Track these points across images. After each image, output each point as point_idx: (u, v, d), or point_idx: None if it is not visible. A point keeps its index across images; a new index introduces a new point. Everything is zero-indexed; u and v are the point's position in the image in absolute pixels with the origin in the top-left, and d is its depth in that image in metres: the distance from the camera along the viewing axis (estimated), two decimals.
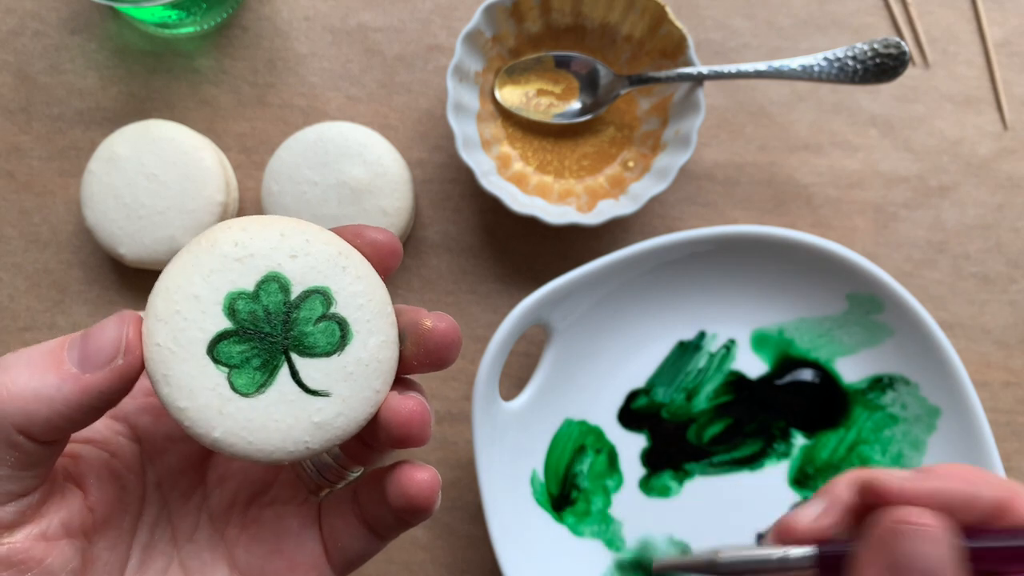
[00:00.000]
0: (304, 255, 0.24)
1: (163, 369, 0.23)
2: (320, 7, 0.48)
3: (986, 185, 0.48)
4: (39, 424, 0.22)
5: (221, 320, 0.23)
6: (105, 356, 0.23)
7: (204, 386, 0.23)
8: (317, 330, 0.24)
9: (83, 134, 0.48)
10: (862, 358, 0.46)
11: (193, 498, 0.28)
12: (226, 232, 0.24)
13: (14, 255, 0.47)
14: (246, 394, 0.23)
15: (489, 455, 0.42)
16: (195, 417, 0.23)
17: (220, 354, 0.23)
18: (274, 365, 0.23)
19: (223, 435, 0.23)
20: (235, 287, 0.23)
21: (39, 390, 0.22)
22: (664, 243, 0.43)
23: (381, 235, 0.25)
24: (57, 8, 0.48)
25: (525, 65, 0.47)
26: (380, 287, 0.25)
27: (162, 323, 0.23)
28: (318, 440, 0.24)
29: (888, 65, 0.43)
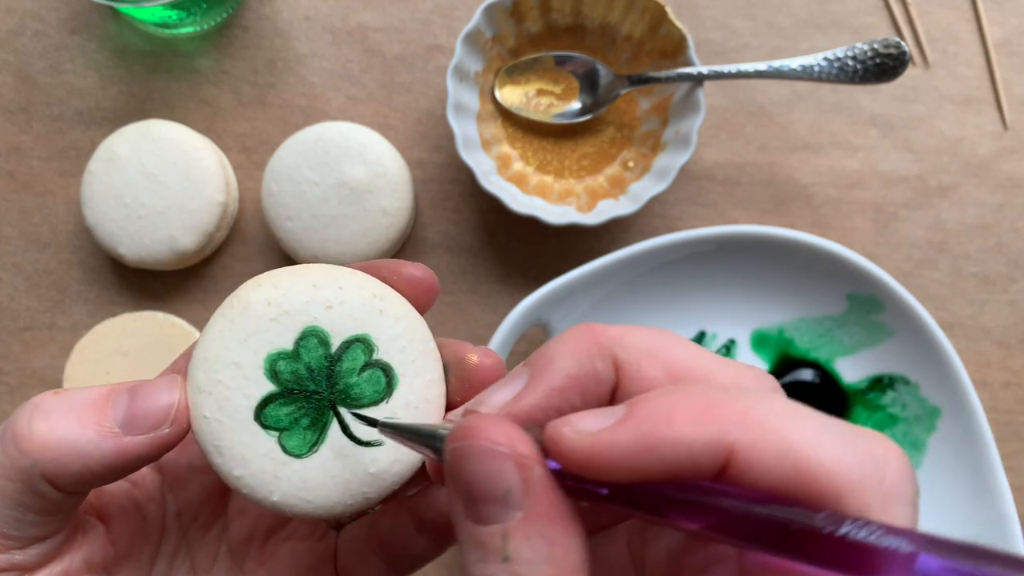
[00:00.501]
0: (339, 304, 0.23)
1: (214, 440, 0.23)
2: (320, 7, 0.48)
3: (986, 185, 0.48)
4: (68, 477, 0.22)
5: (264, 384, 0.23)
6: (152, 422, 0.22)
7: (256, 452, 0.23)
8: (362, 380, 0.23)
9: (83, 134, 0.48)
10: (862, 358, 0.46)
11: (213, 529, 0.28)
12: (257, 291, 0.23)
13: (14, 255, 0.47)
14: (299, 455, 0.23)
15: None
16: (252, 484, 0.23)
17: (268, 419, 0.23)
18: (323, 422, 0.23)
19: (282, 498, 0.23)
20: (274, 348, 0.23)
21: (76, 443, 0.21)
22: (664, 243, 0.43)
23: (418, 271, 0.25)
24: (57, 8, 0.48)
25: (525, 65, 0.47)
26: (420, 324, 0.24)
27: (206, 394, 0.23)
28: (376, 490, 0.23)
29: (888, 65, 0.43)
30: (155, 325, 0.45)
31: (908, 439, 0.45)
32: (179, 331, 0.45)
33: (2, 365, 0.47)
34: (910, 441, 0.45)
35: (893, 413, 0.46)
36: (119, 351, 0.45)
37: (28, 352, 0.47)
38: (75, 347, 0.45)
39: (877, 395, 0.46)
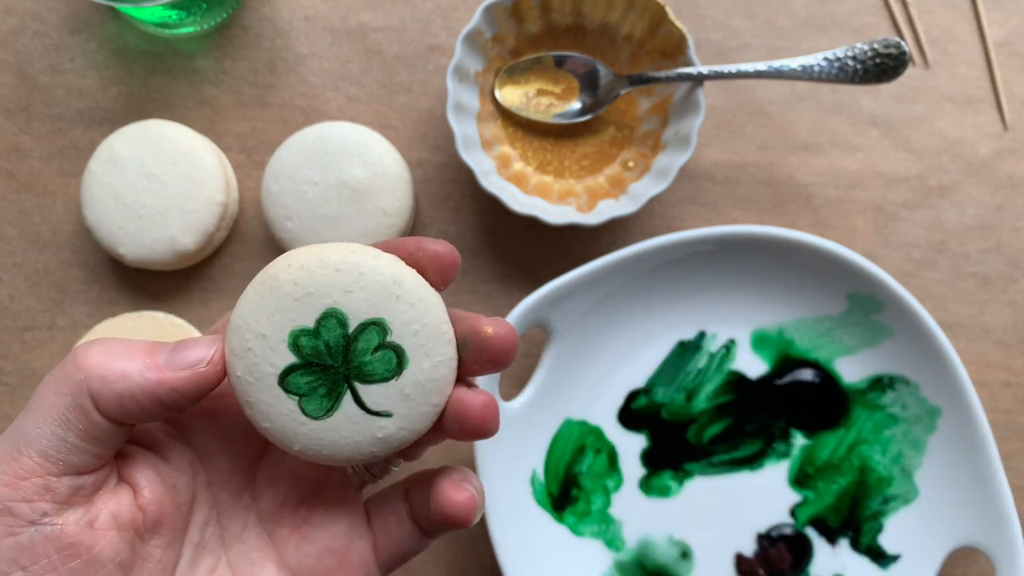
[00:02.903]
0: (359, 289, 0.26)
1: (245, 396, 0.26)
2: (320, 7, 0.48)
3: (986, 185, 0.48)
4: (110, 396, 0.24)
5: (287, 355, 0.25)
6: (191, 360, 0.25)
7: (280, 412, 0.26)
8: (375, 359, 0.26)
9: (83, 134, 0.48)
10: (862, 358, 0.46)
11: (242, 499, 0.29)
12: (286, 272, 0.26)
13: (14, 255, 0.47)
14: (316, 418, 0.26)
15: (489, 455, 0.42)
16: (276, 435, 0.26)
17: (290, 385, 0.26)
18: (338, 392, 0.26)
19: (302, 448, 0.26)
20: (297, 325, 0.25)
21: (124, 368, 0.24)
22: (664, 243, 0.43)
23: (441, 247, 0.27)
24: (57, 8, 0.48)
25: (525, 65, 0.47)
26: (436, 308, 0.26)
27: (238, 357, 0.26)
28: (383, 450, 0.26)
29: (888, 65, 0.43)
30: (155, 325, 0.45)
31: (908, 439, 0.45)
32: (179, 331, 0.45)
33: (2, 365, 0.47)
34: (910, 441, 0.45)
35: (893, 413, 0.46)
36: None
37: (28, 352, 0.47)
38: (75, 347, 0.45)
39: (877, 395, 0.46)
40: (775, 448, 0.46)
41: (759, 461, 0.46)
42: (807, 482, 0.46)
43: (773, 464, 0.46)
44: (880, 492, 0.46)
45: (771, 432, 0.46)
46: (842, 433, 0.46)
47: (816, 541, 0.46)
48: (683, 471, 0.46)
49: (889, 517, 0.45)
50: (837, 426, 0.46)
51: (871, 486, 0.46)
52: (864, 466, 0.46)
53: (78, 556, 0.24)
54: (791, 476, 0.46)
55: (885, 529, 0.45)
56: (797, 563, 0.46)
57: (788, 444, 0.46)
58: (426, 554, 0.47)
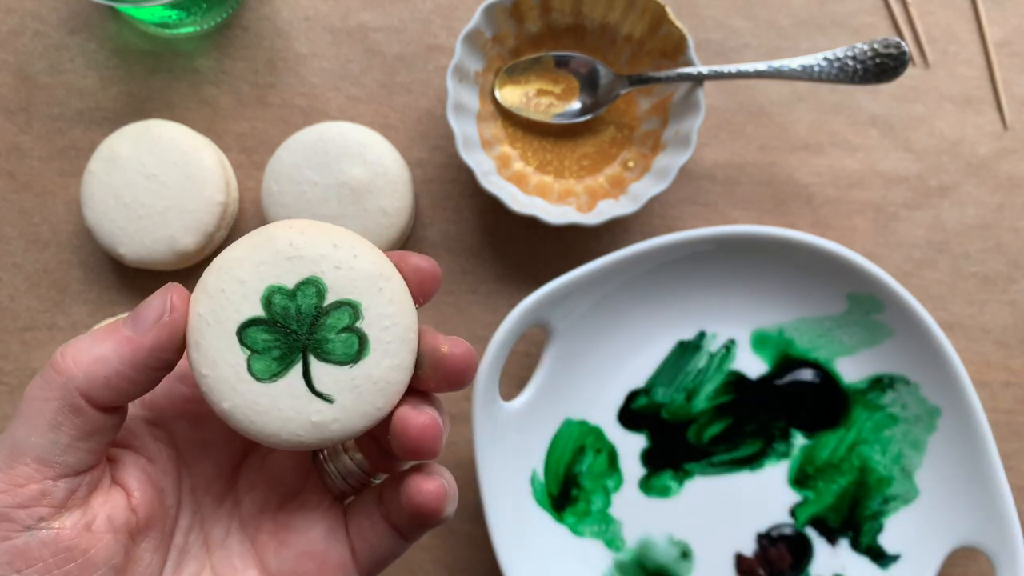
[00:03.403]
0: (348, 268, 0.25)
1: (196, 336, 0.25)
2: (320, 7, 0.48)
3: (986, 185, 0.48)
4: (99, 385, 0.24)
5: (257, 307, 0.25)
6: (153, 317, 0.25)
7: (226, 361, 0.25)
8: (338, 339, 0.25)
9: (83, 134, 0.48)
10: (862, 358, 0.46)
11: (224, 504, 0.29)
12: (286, 231, 0.26)
13: (14, 255, 0.47)
14: (259, 379, 0.25)
15: (489, 455, 0.42)
16: (212, 386, 0.25)
17: (247, 338, 0.25)
18: (291, 360, 0.25)
19: (231, 408, 0.25)
20: (277, 281, 0.25)
21: (99, 354, 0.25)
22: (664, 243, 0.43)
23: (424, 262, 0.27)
24: (57, 8, 0.48)
25: (525, 65, 0.47)
26: (410, 314, 0.26)
27: (208, 296, 0.25)
28: (312, 437, 0.26)
29: (888, 65, 0.43)
30: None
31: (908, 439, 0.45)
32: None
33: (2, 365, 0.47)
34: (910, 441, 0.45)
35: (893, 413, 0.46)
36: None
37: (28, 352, 0.47)
38: None
39: (877, 395, 0.46)
40: (775, 448, 0.46)
41: (759, 461, 0.46)
42: (807, 482, 0.46)
43: (773, 464, 0.46)
44: (880, 492, 0.46)
45: (771, 432, 0.46)
46: (842, 433, 0.46)
47: (816, 541, 0.46)
48: (683, 471, 0.46)
49: (889, 517, 0.45)
50: (837, 426, 0.46)
51: (871, 486, 0.46)
52: (864, 466, 0.46)
53: (73, 559, 0.24)
54: (791, 476, 0.46)
55: (885, 529, 0.45)
56: (797, 563, 0.46)
57: (788, 444, 0.46)
58: (426, 554, 0.47)
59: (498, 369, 0.42)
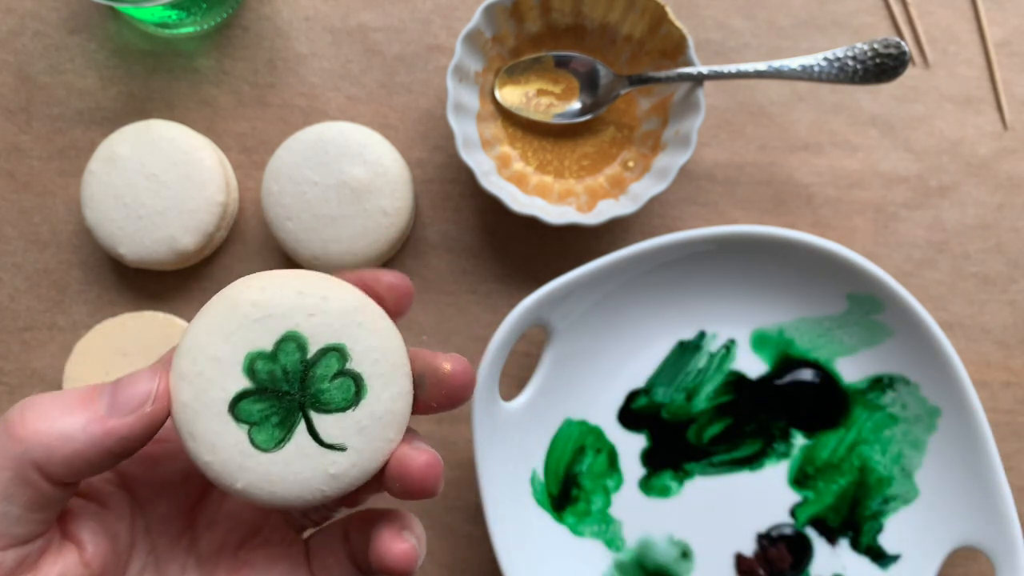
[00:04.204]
0: (321, 313, 0.24)
1: (188, 426, 0.24)
2: (320, 7, 0.48)
3: (986, 185, 0.48)
4: (57, 462, 0.23)
5: (241, 380, 0.24)
6: (135, 403, 0.24)
7: (227, 443, 0.24)
8: (333, 386, 0.25)
9: (83, 134, 0.48)
10: (862, 358, 0.46)
11: (181, 543, 0.28)
12: (246, 292, 0.25)
13: (14, 255, 0.47)
14: (266, 450, 0.24)
15: (489, 455, 0.42)
16: (219, 470, 0.24)
17: (241, 412, 0.24)
18: (292, 422, 0.24)
19: (245, 486, 0.24)
20: (254, 347, 0.24)
21: (65, 430, 0.23)
22: (664, 243, 0.43)
23: (396, 279, 0.26)
24: (57, 8, 0.48)
25: (525, 65, 0.47)
26: (396, 339, 0.25)
27: (187, 383, 0.24)
28: (334, 489, 0.25)
29: (888, 65, 0.43)
30: (155, 325, 0.45)
31: (908, 439, 0.45)
32: (179, 331, 0.45)
33: (2, 365, 0.47)
34: (910, 441, 0.45)
35: (893, 413, 0.46)
36: (119, 351, 0.45)
37: (28, 352, 0.47)
38: (75, 347, 0.45)
39: (877, 395, 0.46)
40: (775, 448, 0.46)
41: (759, 461, 0.46)
42: (807, 482, 0.46)
43: (773, 464, 0.46)
44: (880, 492, 0.46)
45: (771, 432, 0.46)
46: (842, 433, 0.46)
47: (816, 541, 0.46)
48: (683, 471, 0.46)
49: (889, 517, 0.45)
50: (837, 426, 0.46)
51: (871, 486, 0.46)
52: (864, 466, 0.46)
53: None
54: (791, 476, 0.46)
55: (885, 529, 0.45)
56: (797, 563, 0.46)
57: (788, 444, 0.46)
58: (426, 554, 0.47)
59: (498, 369, 0.42)
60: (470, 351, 0.47)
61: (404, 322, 0.47)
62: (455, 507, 0.47)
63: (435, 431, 0.47)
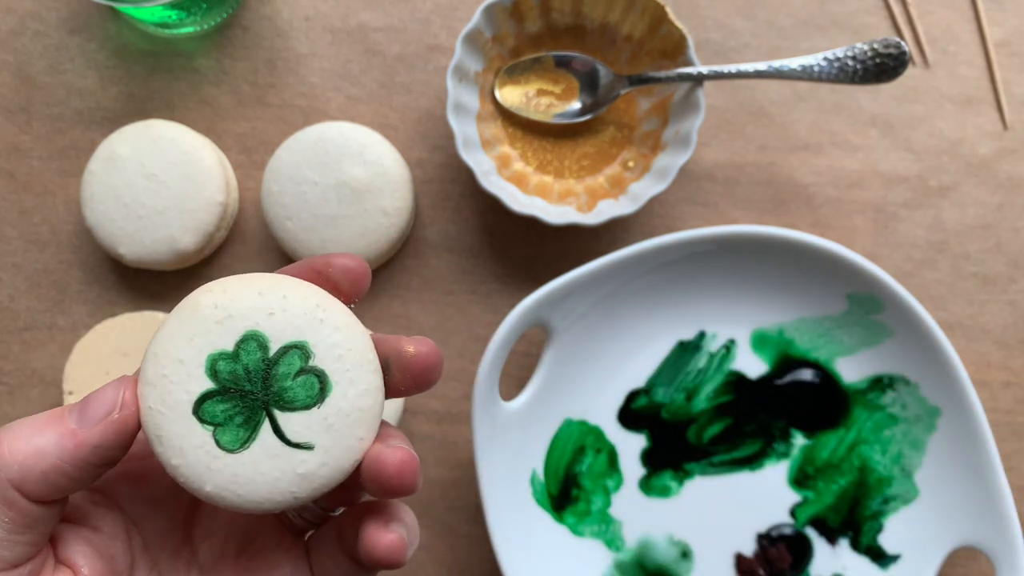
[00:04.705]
0: (281, 311, 0.24)
1: (156, 430, 0.24)
2: (320, 7, 0.48)
3: (986, 185, 0.48)
4: (34, 478, 0.23)
5: (204, 381, 0.24)
6: (102, 412, 0.24)
7: (193, 444, 0.24)
8: (296, 384, 0.24)
9: (83, 134, 0.48)
10: (862, 358, 0.46)
11: (182, 555, 0.28)
12: (207, 295, 0.25)
13: (14, 255, 0.47)
14: (231, 450, 0.24)
15: (489, 455, 0.42)
16: (187, 474, 0.24)
17: (205, 414, 0.24)
18: (256, 421, 0.24)
19: (214, 489, 0.24)
20: (216, 348, 0.24)
21: (38, 446, 0.23)
22: (664, 243, 0.43)
23: (349, 260, 0.26)
24: (57, 8, 0.48)
25: (525, 65, 0.47)
26: (361, 334, 0.25)
27: (152, 387, 0.24)
28: (304, 490, 0.25)
29: (888, 65, 0.43)
30: (155, 325, 0.45)
31: (908, 439, 0.45)
32: None
33: (2, 365, 0.47)
34: (910, 441, 0.45)
35: (893, 413, 0.46)
36: (119, 351, 0.45)
37: (28, 352, 0.47)
38: (75, 347, 0.45)
39: (877, 395, 0.46)
40: (775, 448, 0.46)
41: (759, 461, 0.46)
42: (807, 482, 0.46)
43: (773, 464, 0.46)
44: (880, 492, 0.46)
45: (771, 432, 0.46)
46: (842, 433, 0.46)
47: (816, 541, 0.46)
48: (683, 471, 0.46)
49: (889, 517, 0.45)
50: (837, 426, 0.46)
51: (871, 486, 0.46)
52: (864, 466, 0.46)
53: None
54: (791, 476, 0.46)
55: (885, 529, 0.45)
56: (797, 563, 0.46)
57: (788, 444, 0.46)
58: (426, 554, 0.47)
59: (498, 369, 0.42)
60: (470, 351, 0.47)
61: (404, 322, 0.47)
62: (455, 507, 0.47)
63: (435, 431, 0.47)
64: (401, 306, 0.47)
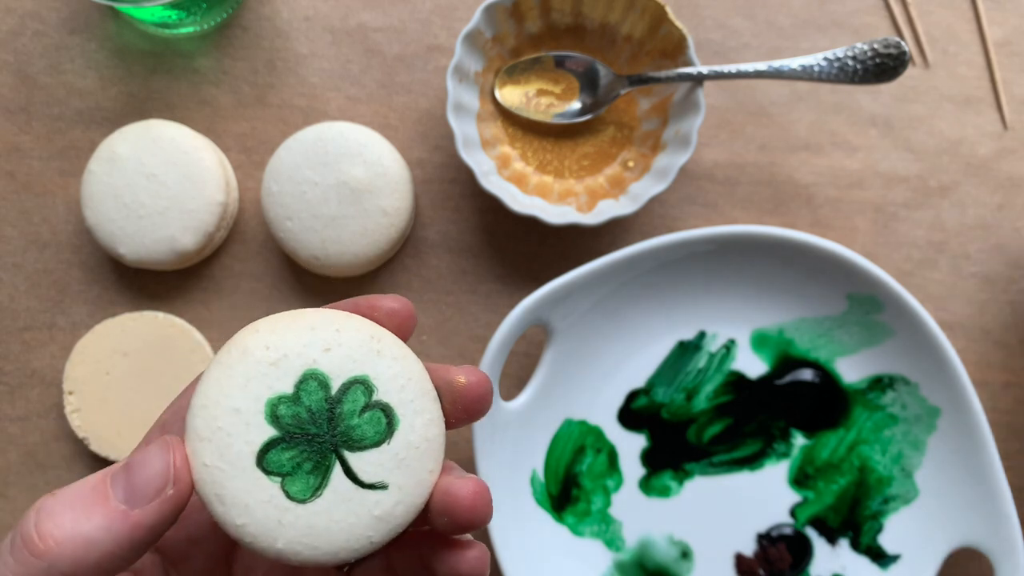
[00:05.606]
0: (337, 346, 0.23)
1: (215, 489, 0.22)
2: (320, 7, 0.48)
3: (986, 185, 0.48)
4: (88, 570, 0.21)
5: (265, 429, 0.22)
6: (154, 488, 0.22)
7: (259, 499, 0.22)
8: (363, 421, 0.23)
9: (83, 134, 0.48)
10: (862, 358, 0.46)
11: None
12: (255, 337, 0.23)
13: (14, 255, 0.47)
14: (303, 500, 0.22)
15: (489, 455, 0.42)
16: (255, 532, 0.22)
17: (270, 464, 0.22)
18: (326, 466, 0.23)
19: (286, 545, 0.22)
20: (274, 392, 0.23)
21: (88, 534, 0.21)
22: (664, 243, 0.43)
23: (396, 303, 0.25)
24: (57, 8, 0.48)
25: (525, 65, 0.47)
26: (416, 363, 0.24)
27: (206, 442, 0.22)
28: (381, 533, 0.23)
29: (888, 65, 0.43)
30: (155, 325, 0.45)
31: (908, 439, 0.45)
32: (179, 331, 0.45)
33: (2, 365, 0.47)
34: (910, 441, 0.45)
35: (893, 413, 0.46)
36: (119, 351, 0.45)
37: (28, 352, 0.47)
38: (75, 347, 0.45)
39: (877, 395, 0.46)
40: (775, 448, 0.46)
41: (759, 461, 0.46)
42: (807, 482, 0.46)
43: (773, 464, 0.46)
44: (880, 492, 0.46)
45: (771, 432, 0.46)
46: (842, 433, 0.46)
47: (816, 541, 0.46)
48: (683, 471, 0.46)
49: (889, 517, 0.45)
50: (837, 426, 0.46)
51: (871, 486, 0.46)
52: (864, 466, 0.46)
53: None
54: (791, 476, 0.46)
55: (885, 529, 0.45)
56: (797, 563, 0.46)
57: (788, 444, 0.46)
58: None
59: (498, 369, 0.42)
60: (470, 351, 0.47)
61: None
62: None
63: None
64: None
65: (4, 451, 0.47)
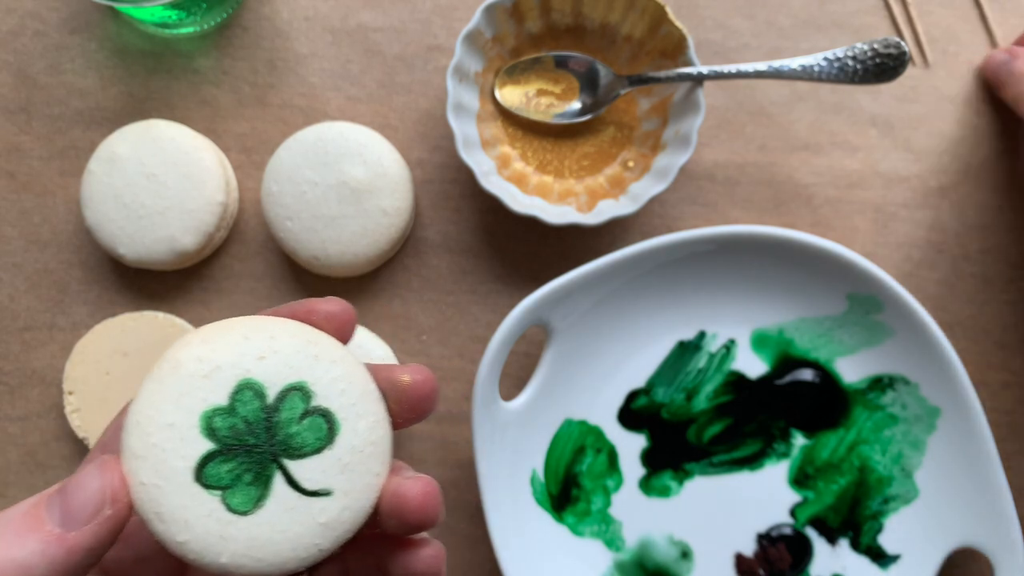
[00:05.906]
0: (272, 353, 0.23)
1: (154, 507, 0.22)
2: (320, 7, 0.48)
3: (986, 185, 0.48)
4: None
5: (202, 442, 0.22)
6: (90, 510, 0.21)
7: (199, 514, 0.22)
8: (303, 428, 0.23)
9: (83, 134, 0.48)
10: (862, 358, 0.46)
11: None
12: (187, 349, 0.23)
13: (14, 255, 0.47)
14: (245, 512, 0.22)
15: (489, 455, 0.42)
16: (198, 548, 0.22)
17: (209, 478, 0.22)
18: (267, 476, 0.22)
19: (231, 559, 0.22)
20: (208, 405, 0.22)
21: (22, 560, 0.20)
22: (664, 243, 0.43)
23: (335, 306, 0.25)
24: (57, 8, 0.48)
25: (525, 65, 0.47)
26: (357, 365, 0.24)
27: (142, 460, 0.22)
28: (328, 540, 0.23)
29: (888, 65, 0.43)
30: (155, 325, 0.45)
31: (908, 439, 0.45)
32: (179, 331, 0.45)
33: (2, 365, 0.47)
34: (910, 441, 0.45)
35: (893, 413, 0.46)
36: (119, 351, 0.45)
37: (28, 352, 0.47)
38: (75, 347, 0.45)
39: (877, 395, 0.46)
40: (775, 448, 0.46)
41: (759, 461, 0.46)
42: (807, 482, 0.46)
43: (773, 464, 0.46)
44: (880, 492, 0.46)
45: (771, 432, 0.46)
46: (842, 433, 0.46)
47: (816, 541, 0.46)
48: (683, 471, 0.46)
49: (889, 517, 0.45)
50: (837, 426, 0.46)
51: (871, 486, 0.46)
52: (864, 466, 0.46)
53: None
54: (791, 476, 0.46)
55: (885, 529, 0.45)
56: (797, 563, 0.46)
57: (788, 444, 0.46)
58: None
59: (498, 369, 0.42)
60: (470, 351, 0.47)
61: (404, 322, 0.47)
62: (455, 507, 0.47)
63: (435, 431, 0.47)
64: (401, 306, 0.47)
65: (4, 451, 0.47)
